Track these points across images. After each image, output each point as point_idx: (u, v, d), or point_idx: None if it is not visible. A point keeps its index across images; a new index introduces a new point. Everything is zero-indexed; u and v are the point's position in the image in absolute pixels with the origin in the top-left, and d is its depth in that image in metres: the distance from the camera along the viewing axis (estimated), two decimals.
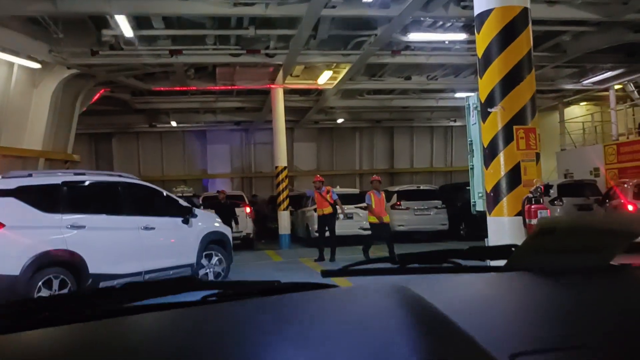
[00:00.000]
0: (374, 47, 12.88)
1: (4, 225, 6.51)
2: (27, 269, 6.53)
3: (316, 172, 25.83)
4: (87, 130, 22.62)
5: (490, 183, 4.60)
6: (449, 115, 24.45)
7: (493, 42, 4.41)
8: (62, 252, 6.92)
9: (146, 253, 7.99)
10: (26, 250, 6.61)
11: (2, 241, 6.47)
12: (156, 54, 13.01)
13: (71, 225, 7.16)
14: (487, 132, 4.53)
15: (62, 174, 7.83)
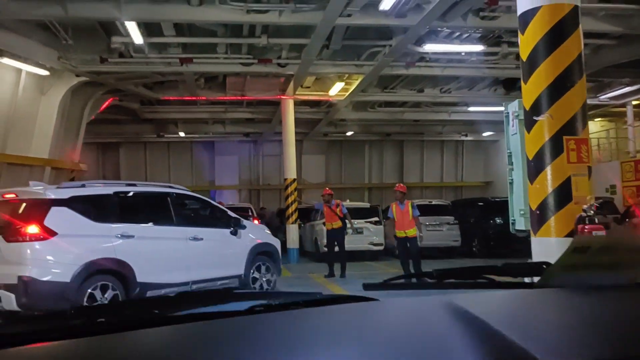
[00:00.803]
0: (388, 58, 12.61)
1: (56, 234, 6.64)
2: (77, 276, 6.65)
3: (325, 185, 25.60)
4: (95, 139, 22.47)
5: (535, 200, 4.16)
6: (460, 129, 24.13)
7: (539, 44, 4.04)
8: (111, 261, 7.04)
9: (194, 263, 8.07)
10: (77, 258, 6.74)
11: (53, 249, 6.62)
12: (166, 62, 12.77)
13: (121, 234, 7.27)
14: (532, 143, 4.11)
15: (114, 185, 8.00)
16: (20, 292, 6.38)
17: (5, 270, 6.55)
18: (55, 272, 6.59)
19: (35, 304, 6.47)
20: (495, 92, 17.33)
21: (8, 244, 6.62)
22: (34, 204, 6.86)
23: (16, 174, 13.03)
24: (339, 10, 9.70)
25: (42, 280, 6.48)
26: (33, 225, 6.61)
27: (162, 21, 10.58)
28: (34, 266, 6.53)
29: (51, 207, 6.78)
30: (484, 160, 26.99)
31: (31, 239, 6.58)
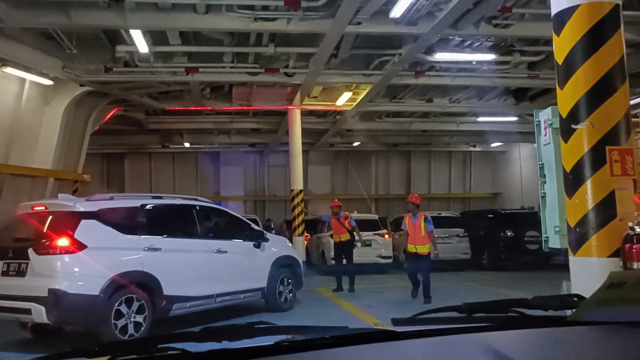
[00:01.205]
0: (398, 67, 12.37)
1: (86, 247, 6.67)
2: (107, 289, 6.66)
3: (331, 196, 25.36)
4: (100, 150, 22.33)
5: (574, 216, 3.80)
6: (468, 140, 23.84)
7: (577, 46, 3.74)
8: (139, 274, 7.05)
9: (218, 276, 8.10)
10: (106, 271, 6.75)
11: (83, 262, 6.64)
12: (172, 71, 12.57)
13: (148, 247, 7.27)
14: (570, 154, 3.76)
15: (141, 197, 8.03)
16: (51, 304, 6.38)
17: (35, 283, 6.54)
18: (85, 285, 6.60)
19: (65, 317, 6.55)
20: (505, 102, 17.06)
21: (39, 257, 6.62)
22: (64, 216, 6.88)
23: (19, 185, 12.82)
24: (349, 18, 9.48)
25: (72, 293, 6.48)
26: (64, 238, 6.62)
27: (168, 29, 10.37)
28: (64, 279, 6.53)
29: (81, 220, 6.80)
30: (492, 171, 26.69)
31: (62, 252, 6.58)
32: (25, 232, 7.20)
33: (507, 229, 16.64)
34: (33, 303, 6.43)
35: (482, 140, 23.38)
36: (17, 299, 6.60)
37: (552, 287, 6.14)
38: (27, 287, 6.57)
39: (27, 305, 6.47)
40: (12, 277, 6.80)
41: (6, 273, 6.86)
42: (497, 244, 16.66)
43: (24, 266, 6.71)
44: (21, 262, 6.74)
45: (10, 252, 6.94)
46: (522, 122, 19.35)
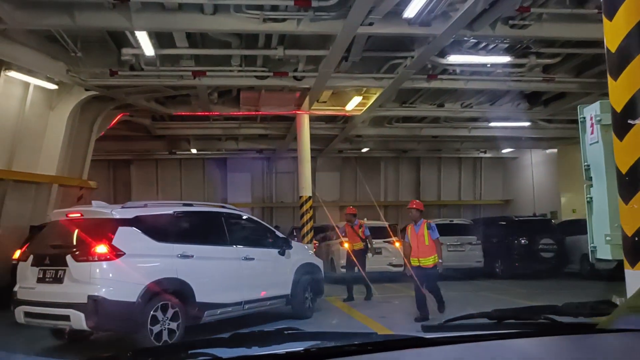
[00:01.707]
0: (410, 71, 12.03)
1: (124, 254, 6.69)
2: (143, 296, 6.67)
3: (339, 203, 25.05)
4: (106, 156, 22.12)
5: (632, 224, 3.36)
6: (479, 146, 23.45)
7: (633, 31, 3.39)
8: (174, 281, 7.08)
9: (246, 283, 8.14)
10: (142, 278, 6.77)
11: (121, 269, 6.65)
12: (178, 75, 12.29)
13: (181, 254, 7.28)
14: (626, 154, 3.35)
15: (172, 205, 8.21)
16: (90, 311, 6.38)
17: (74, 289, 6.54)
18: (123, 292, 6.62)
19: (104, 323, 6.54)
20: (518, 107, 16.70)
21: (77, 263, 6.62)
22: (102, 223, 6.91)
23: (22, 192, 12.56)
24: (361, 18, 9.16)
25: (111, 300, 6.48)
26: (102, 245, 6.64)
27: (175, 31, 10.09)
28: (103, 285, 6.54)
29: (118, 227, 6.83)
30: (503, 178, 26.29)
31: (100, 259, 6.60)
32: (62, 238, 7.18)
33: (521, 237, 16.22)
34: (72, 310, 6.43)
35: (493, 146, 23.01)
36: (55, 306, 6.59)
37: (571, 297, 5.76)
38: (65, 293, 6.57)
39: (66, 312, 6.47)
40: (48, 283, 6.78)
41: (42, 280, 6.85)
42: (510, 252, 16.23)
43: (61, 273, 6.70)
44: (58, 269, 6.73)
45: (46, 259, 6.92)
46: (534, 128, 19.00)
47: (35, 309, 6.80)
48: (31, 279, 6.96)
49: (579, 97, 15.04)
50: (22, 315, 6.91)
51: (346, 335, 1.51)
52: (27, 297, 6.89)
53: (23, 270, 7.20)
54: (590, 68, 13.10)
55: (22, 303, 6.93)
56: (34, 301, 6.82)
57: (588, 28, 10.12)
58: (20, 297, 6.99)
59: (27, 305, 6.87)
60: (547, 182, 23.06)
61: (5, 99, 11.83)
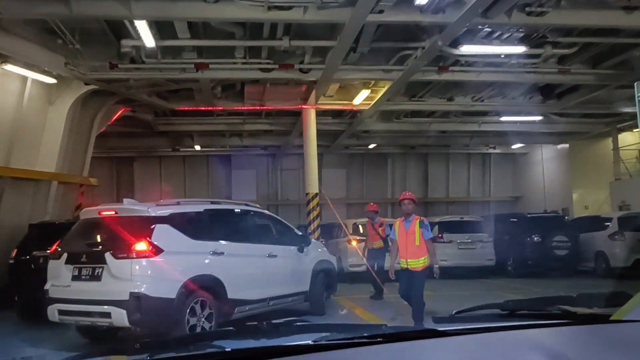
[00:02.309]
0: (420, 62, 11.57)
1: (162, 251, 6.73)
2: (181, 292, 6.73)
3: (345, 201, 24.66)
4: (109, 153, 21.80)
5: None
6: (488, 141, 22.94)
7: None
8: (208, 278, 7.14)
9: (271, 280, 8.23)
10: (180, 274, 6.81)
11: (160, 266, 6.69)
12: (180, 67, 11.86)
13: (213, 251, 7.36)
14: None
15: (202, 202, 8.22)
16: (132, 308, 6.41)
17: (114, 287, 6.57)
18: (163, 289, 6.66)
19: (145, 320, 6.53)
20: (531, 100, 16.23)
21: (117, 261, 6.64)
22: (139, 221, 6.93)
23: (21, 189, 12.20)
24: (370, 5, 8.70)
25: (152, 297, 6.52)
26: (142, 242, 6.68)
27: (176, 20, 9.65)
28: (145, 282, 6.57)
29: (156, 225, 6.87)
30: (513, 174, 25.80)
31: (140, 256, 6.64)
32: (99, 236, 7.25)
33: (533, 234, 15.75)
34: (113, 307, 6.46)
35: (503, 141, 22.51)
36: (94, 303, 6.63)
37: None
38: (104, 291, 6.60)
39: (107, 309, 6.50)
40: (85, 281, 6.79)
41: (77, 277, 6.86)
42: (523, 250, 15.77)
43: (99, 270, 6.71)
44: (96, 267, 6.75)
45: (83, 257, 6.93)
46: (546, 122, 18.52)
47: (70, 306, 6.81)
48: (65, 277, 6.95)
49: (594, 90, 14.58)
50: (57, 314, 6.90)
51: (356, 327, 1.54)
52: (61, 295, 6.89)
53: (55, 268, 7.16)
54: (607, 59, 12.63)
55: (56, 301, 6.92)
56: (69, 299, 6.82)
57: (608, 15, 9.67)
58: (53, 295, 6.98)
59: (62, 303, 6.86)
60: (558, 179, 22.58)
61: (3, 93, 11.47)
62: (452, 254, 15.68)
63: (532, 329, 1.34)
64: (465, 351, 1.21)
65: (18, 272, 9.79)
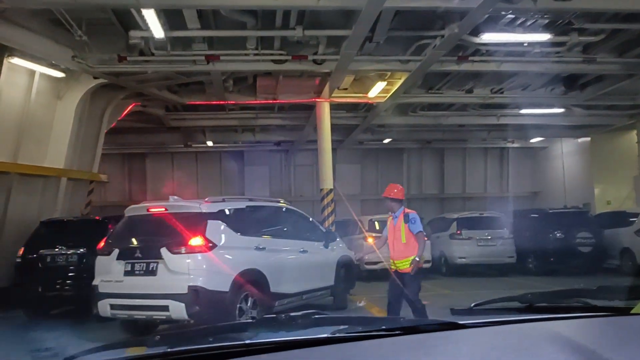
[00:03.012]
0: (439, 51, 11.09)
1: (216, 245, 6.99)
2: (232, 286, 6.98)
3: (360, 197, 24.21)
4: (120, 150, 21.58)
5: None
6: (507, 135, 22.33)
7: None
8: (254, 272, 7.39)
9: (304, 275, 8.52)
10: (232, 268, 7.08)
11: (215, 260, 6.93)
12: (191, 59, 11.50)
13: (256, 246, 7.65)
14: None
15: (242, 199, 8.53)
16: (190, 301, 6.61)
17: (171, 281, 6.78)
18: (219, 282, 6.90)
19: (202, 313, 6.65)
20: (552, 92, 15.67)
21: (173, 256, 6.85)
22: (192, 217, 7.19)
23: (29, 186, 11.95)
24: None
25: (210, 290, 6.76)
26: (198, 238, 6.92)
27: (185, 8, 9.26)
28: (202, 276, 6.80)
29: (208, 221, 7.13)
30: (532, 169, 25.15)
31: (197, 251, 6.87)
32: (152, 232, 7.43)
33: (556, 230, 15.23)
34: (171, 300, 6.65)
35: (521, 135, 21.89)
36: (151, 297, 6.82)
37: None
38: (161, 285, 6.80)
39: (164, 303, 6.69)
40: (139, 276, 6.98)
41: (131, 272, 7.05)
42: (545, 247, 15.25)
43: (154, 265, 6.92)
44: (150, 262, 6.96)
45: (136, 253, 7.14)
46: (567, 115, 17.93)
47: (124, 301, 7.03)
48: (117, 273, 7.14)
49: (620, 80, 14.00)
50: (108, 308, 7.08)
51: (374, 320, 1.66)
52: (113, 290, 7.09)
53: (105, 264, 7.33)
54: (635, 47, 12.04)
55: (107, 296, 7.11)
56: (123, 294, 7.04)
57: None
58: (104, 291, 7.17)
59: (113, 298, 7.07)
60: (579, 173, 21.93)
61: (10, 87, 11.20)
62: (471, 251, 15.26)
63: (552, 322, 1.32)
64: (484, 343, 1.19)
65: (25, 271, 9.54)
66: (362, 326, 1.43)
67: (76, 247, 9.62)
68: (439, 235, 15.92)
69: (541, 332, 1.13)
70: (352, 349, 1.21)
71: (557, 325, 1.21)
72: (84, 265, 9.46)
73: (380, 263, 14.03)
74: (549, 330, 1.13)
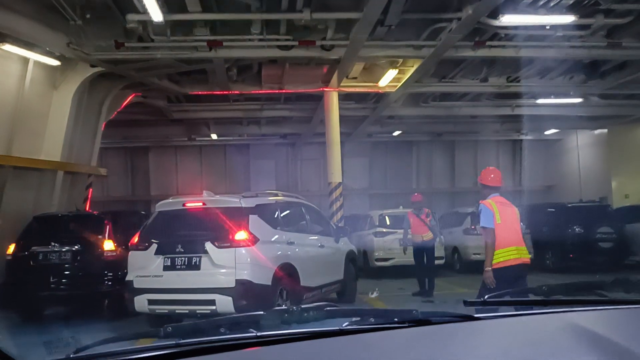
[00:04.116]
0: (455, 35, 10.43)
1: (258, 239, 7.10)
2: (274, 279, 7.10)
3: (368, 191, 23.61)
4: (122, 143, 21.07)
5: None
6: (520, 127, 21.58)
7: None
8: (289, 266, 7.52)
9: (323, 268, 8.73)
10: (272, 262, 7.20)
11: (258, 254, 7.03)
12: (192, 46, 10.90)
13: (288, 241, 7.84)
14: None
15: (268, 194, 8.70)
16: (238, 295, 6.66)
17: (217, 275, 6.87)
18: (262, 276, 6.99)
19: (248, 306, 6.61)
20: (571, 81, 14.96)
21: (219, 250, 6.93)
22: (233, 212, 7.24)
23: (24, 179, 11.39)
24: None
25: (256, 284, 6.85)
26: (242, 232, 7.02)
27: None
28: (248, 270, 6.89)
29: (249, 215, 7.24)
30: (545, 162, 24.43)
31: (242, 245, 6.96)
32: (191, 227, 7.43)
33: (575, 225, 14.56)
34: (218, 294, 6.70)
35: (535, 127, 21.17)
36: (195, 292, 6.87)
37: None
38: (206, 279, 6.87)
39: (211, 297, 6.73)
40: (180, 270, 7.01)
41: (171, 267, 7.07)
42: (563, 242, 14.58)
43: (197, 260, 6.97)
44: (192, 256, 7.00)
45: (177, 247, 7.10)
46: (585, 105, 17.23)
47: (164, 296, 7.05)
48: (155, 268, 7.14)
49: None
50: (146, 304, 7.07)
51: (386, 312, 1.55)
52: (152, 285, 7.09)
53: (141, 259, 7.32)
54: None
55: (145, 291, 7.09)
56: (162, 289, 7.04)
57: None
58: (141, 286, 7.15)
59: (152, 293, 7.07)
60: (595, 166, 21.21)
61: (3, 76, 10.63)
62: None
63: (568, 313, 1.29)
64: (499, 335, 1.18)
65: (16, 269, 8.99)
66: (375, 318, 1.42)
67: (71, 243, 9.07)
68: (451, 230, 15.28)
69: (557, 323, 1.11)
70: (364, 340, 1.20)
71: (573, 317, 1.18)
72: (79, 263, 8.97)
73: (391, 260, 13.49)
74: (565, 321, 1.10)
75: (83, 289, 8.95)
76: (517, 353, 1.00)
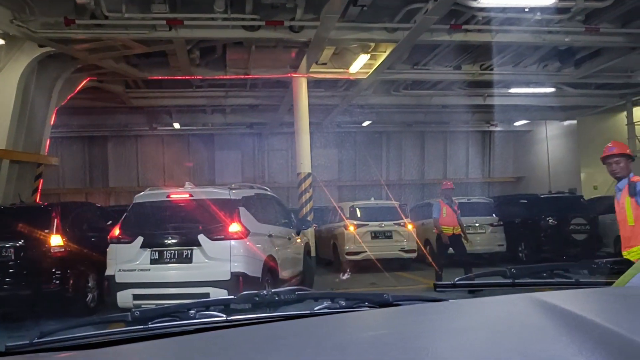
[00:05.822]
0: (431, 17, 9.89)
1: (249, 232, 7.05)
2: (263, 272, 7.13)
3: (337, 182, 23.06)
4: (80, 132, 19.97)
5: None
6: (491, 117, 21.35)
7: None
8: (272, 258, 7.56)
9: (292, 261, 8.80)
10: (261, 254, 7.23)
11: (249, 246, 6.98)
12: (150, 24, 10.08)
13: (269, 233, 7.82)
14: None
15: (247, 186, 8.65)
16: (234, 287, 6.47)
17: (211, 268, 6.73)
18: (255, 268, 6.98)
19: None
20: (545, 69, 14.66)
21: (212, 242, 6.82)
22: (224, 204, 7.09)
23: None
24: None
25: (250, 276, 6.81)
26: (235, 224, 6.94)
27: None
28: (242, 262, 6.81)
29: (239, 208, 7.16)
30: (515, 153, 24.32)
31: (236, 237, 6.87)
32: (179, 219, 7.30)
33: (548, 216, 14.29)
34: (212, 287, 6.50)
35: (505, 118, 20.97)
36: (187, 285, 6.66)
37: None
38: (199, 272, 6.72)
39: (204, 290, 6.48)
40: (170, 263, 6.84)
41: (159, 261, 6.86)
42: (536, 234, 14.33)
43: (188, 252, 6.83)
44: (183, 249, 6.85)
45: (166, 239, 6.94)
46: (557, 95, 17.02)
47: (151, 290, 6.79)
48: (141, 261, 6.90)
49: (619, 54, 13.04)
50: (131, 299, 6.77)
51: (357, 295, 1.47)
52: (137, 280, 6.84)
53: (124, 252, 7.03)
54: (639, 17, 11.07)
55: (129, 286, 6.83)
56: (149, 283, 6.80)
57: None
58: (124, 281, 6.88)
59: (138, 287, 6.81)
60: (565, 157, 21.12)
61: None
62: None
63: (536, 293, 1.28)
64: (469, 313, 1.18)
65: None
66: (346, 301, 1.40)
67: (14, 239, 8.23)
68: (423, 222, 14.85)
69: (527, 302, 1.11)
70: (335, 321, 1.21)
71: (542, 296, 1.17)
72: (22, 260, 8.14)
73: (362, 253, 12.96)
74: (534, 300, 1.10)
75: (28, 289, 8.14)
76: (488, 329, 0.99)
